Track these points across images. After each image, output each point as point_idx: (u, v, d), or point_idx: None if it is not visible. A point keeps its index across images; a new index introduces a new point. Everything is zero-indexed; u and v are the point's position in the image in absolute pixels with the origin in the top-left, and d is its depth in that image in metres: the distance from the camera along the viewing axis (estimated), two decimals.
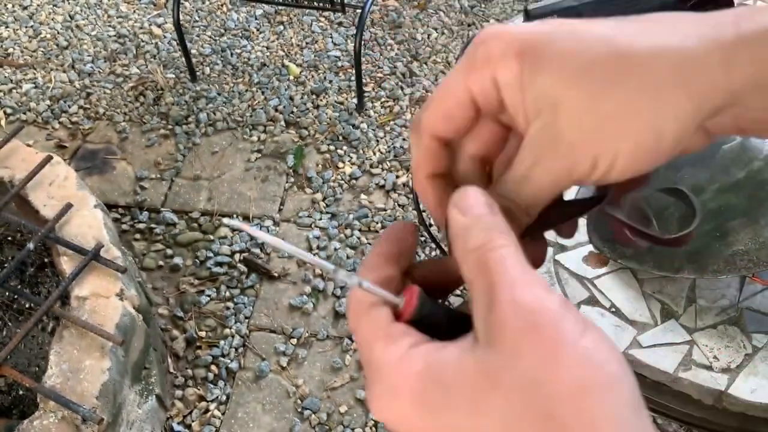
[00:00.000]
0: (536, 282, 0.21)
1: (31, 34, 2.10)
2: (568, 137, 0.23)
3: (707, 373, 0.63)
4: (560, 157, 0.24)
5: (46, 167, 1.22)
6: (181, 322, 1.45)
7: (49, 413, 0.96)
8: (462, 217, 0.24)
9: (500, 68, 0.24)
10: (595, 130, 0.23)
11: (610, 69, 0.23)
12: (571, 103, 0.23)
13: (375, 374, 0.22)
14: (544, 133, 0.24)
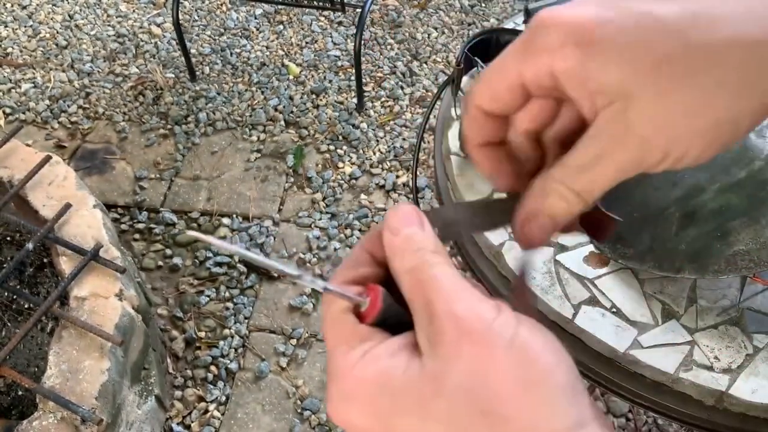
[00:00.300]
0: (468, 293, 0.23)
1: (30, 34, 2.10)
2: (640, 130, 0.23)
3: (708, 374, 0.62)
4: (630, 149, 0.24)
5: (46, 167, 1.22)
6: (180, 323, 1.45)
7: (48, 414, 0.96)
8: (394, 237, 0.25)
9: (559, 59, 0.23)
10: (668, 125, 0.23)
11: (684, 64, 0.22)
12: (644, 97, 0.23)
13: (333, 378, 0.24)
14: (613, 125, 0.23)
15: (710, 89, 0.22)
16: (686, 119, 0.23)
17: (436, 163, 0.83)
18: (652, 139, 0.23)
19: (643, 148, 0.23)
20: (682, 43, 0.22)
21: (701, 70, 0.22)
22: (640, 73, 0.22)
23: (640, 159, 0.24)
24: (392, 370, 0.22)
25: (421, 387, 0.22)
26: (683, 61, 0.22)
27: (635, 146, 0.23)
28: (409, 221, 0.25)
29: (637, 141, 0.23)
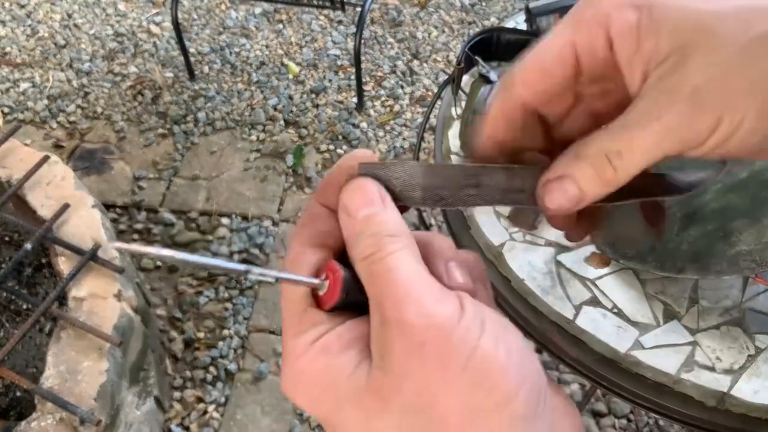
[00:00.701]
0: (426, 293, 0.20)
1: (28, 33, 2.09)
2: (693, 80, 0.21)
3: (710, 375, 0.62)
4: (680, 106, 0.21)
5: (44, 167, 1.22)
6: (179, 323, 1.45)
7: (47, 415, 0.95)
8: (350, 219, 0.22)
9: (615, 19, 0.22)
10: (727, 80, 0.21)
11: (751, 22, 0.21)
12: (701, 49, 0.21)
13: (285, 358, 0.22)
14: (666, 80, 0.22)
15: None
16: (747, 76, 0.21)
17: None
18: (707, 95, 0.21)
19: (695, 104, 0.21)
20: (758, 13, 0.21)
21: (762, 32, 0.21)
22: (700, 26, 0.21)
23: (691, 119, 0.21)
24: (338, 371, 0.21)
25: (366, 399, 0.20)
26: (750, 19, 0.21)
27: (686, 101, 0.21)
28: (369, 200, 0.22)
29: (689, 93, 0.21)
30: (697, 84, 0.21)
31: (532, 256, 0.70)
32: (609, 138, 0.23)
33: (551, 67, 0.23)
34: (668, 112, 0.22)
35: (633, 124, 0.22)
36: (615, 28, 0.22)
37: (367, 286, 0.21)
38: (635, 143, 0.22)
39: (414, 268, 0.21)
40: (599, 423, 1.29)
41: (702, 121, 0.22)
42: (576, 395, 1.32)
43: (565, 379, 1.33)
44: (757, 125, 0.22)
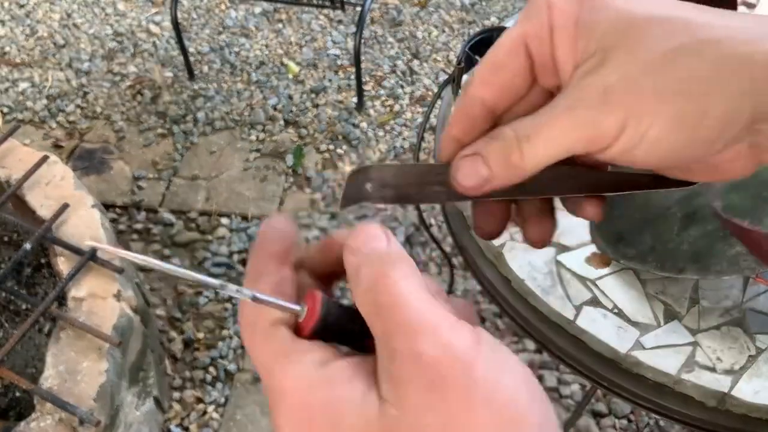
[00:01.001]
0: (441, 321, 0.19)
1: (27, 33, 2.09)
2: (609, 81, 0.21)
3: (710, 375, 0.62)
4: (592, 102, 0.22)
5: (43, 167, 1.22)
6: (179, 324, 1.45)
7: (46, 415, 0.95)
8: (353, 257, 0.21)
9: (558, 11, 0.22)
10: (639, 85, 0.21)
11: (676, 33, 0.21)
12: (625, 52, 0.21)
13: (278, 401, 0.20)
14: (587, 76, 0.22)
15: (694, 63, 0.21)
16: (660, 80, 0.21)
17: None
18: (615, 93, 0.21)
19: (604, 104, 0.21)
20: (682, 17, 0.21)
21: (690, 45, 0.21)
22: (628, 28, 0.21)
23: (596, 120, 0.21)
24: (346, 404, 0.19)
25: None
26: (675, 31, 0.21)
27: (596, 99, 0.22)
28: (370, 236, 0.22)
29: (600, 92, 0.21)
30: (610, 84, 0.21)
31: (532, 256, 0.70)
32: (523, 124, 0.23)
33: (504, 60, 0.24)
34: (577, 108, 0.22)
35: (546, 114, 0.23)
36: (556, 20, 0.22)
37: (371, 318, 0.20)
38: (543, 132, 0.22)
39: (424, 296, 0.20)
40: (599, 423, 1.28)
41: (608, 122, 0.22)
42: (576, 395, 1.32)
43: (565, 380, 1.33)
44: (664, 135, 0.21)
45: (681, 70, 0.21)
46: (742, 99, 0.21)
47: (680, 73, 0.21)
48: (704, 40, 0.21)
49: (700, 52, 0.21)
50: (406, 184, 0.25)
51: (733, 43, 0.21)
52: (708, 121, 0.21)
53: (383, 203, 0.25)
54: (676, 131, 0.21)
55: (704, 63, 0.21)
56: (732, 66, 0.21)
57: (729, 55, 0.21)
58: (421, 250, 1.56)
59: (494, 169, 0.23)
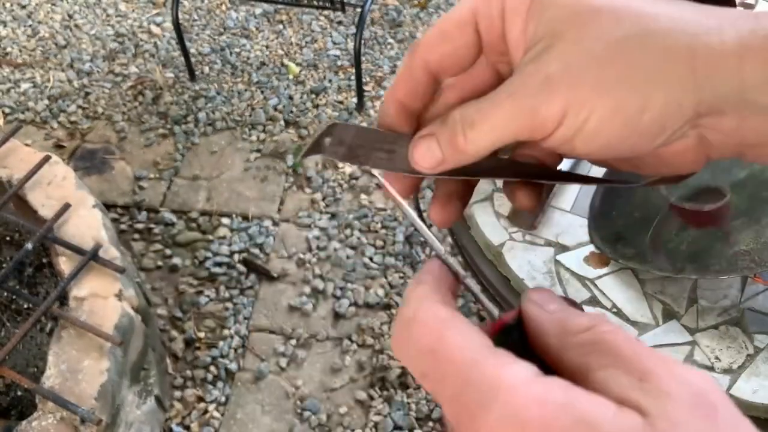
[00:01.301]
0: (672, 359, 0.19)
1: (29, 33, 2.09)
2: (551, 69, 0.21)
3: (709, 374, 0.62)
4: (534, 89, 0.22)
5: (45, 167, 1.22)
6: (180, 323, 1.45)
7: (47, 414, 0.95)
8: (543, 311, 0.21)
9: None
10: (580, 73, 0.21)
11: (622, 23, 0.21)
12: (570, 40, 0.21)
13: (493, 404, 0.18)
14: (531, 63, 0.22)
15: (637, 56, 0.21)
16: (601, 72, 0.21)
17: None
18: (556, 81, 0.21)
19: (544, 91, 0.21)
20: (632, 11, 0.21)
21: (638, 43, 0.21)
22: (577, 19, 0.21)
23: (536, 106, 0.22)
24: (596, 413, 0.17)
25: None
26: (622, 24, 0.21)
27: (538, 86, 0.22)
28: (555, 297, 0.22)
29: (542, 79, 0.22)
30: (552, 72, 0.21)
31: (531, 255, 0.70)
32: (469, 110, 0.23)
33: (451, 31, 0.24)
34: (518, 96, 0.22)
35: (490, 100, 0.23)
36: (509, 3, 0.22)
37: (596, 357, 0.19)
38: (486, 117, 0.23)
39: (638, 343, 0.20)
40: None
41: (547, 109, 0.22)
42: None
43: None
44: (602, 126, 0.21)
45: (623, 60, 0.21)
46: (684, 92, 0.21)
47: (622, 63, 0.21)
48: (650, 31, 0.21)
49: (644, 43, 0.21)
50: (358, 145, 0.27)
51: (678, 35, 0.21)
52: (648, 114, 0.21)
53: (336, 159, 0.27)
54: (614, 122, 0.21)
55: (647, 54, 0.21)
56: (674, 58, 0.21)
57: (672, 47, 0.21)
58: (420, 249, 1.56)
59: (444, 151, 0.24)
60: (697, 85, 0.21)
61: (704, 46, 0.20)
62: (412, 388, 1.36)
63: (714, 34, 0.21)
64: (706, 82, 0.21)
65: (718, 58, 0.20)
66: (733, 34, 0.20)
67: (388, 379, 1.36)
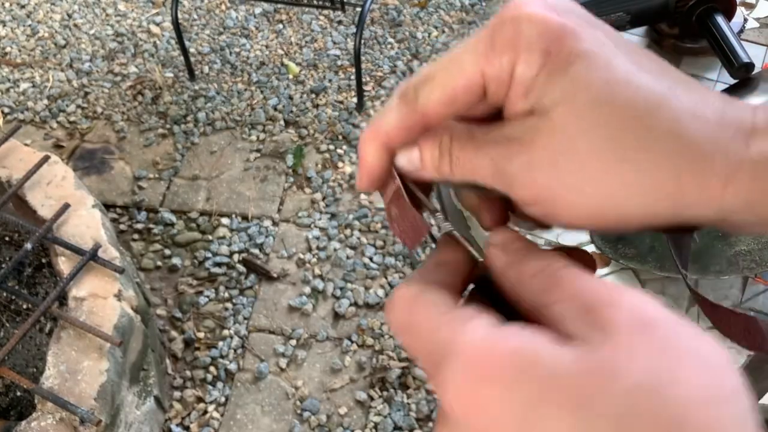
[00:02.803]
0: (624, 288, 0.20)
1: (28, 33, 2.09)
2: (535, 155, 0.22)
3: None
4: (516, 170, 0.22)
5: (44, 167, 1.22)
6: (179, 323, 1.45)
7: (47, 414, 0.95)
8: (504, 252, 0.23)
9: (522, 61, 0.21)
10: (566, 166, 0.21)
11: (622, 124, 0.21)
12: (560, 123, 0.21)
13: (449, 357, 0.19)
14: (517, 139, 0.22)
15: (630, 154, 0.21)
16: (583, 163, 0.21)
17: None
18: (536, 166, 0.22)
19: (524, 172, 0.22)
20: (633, 106, 0.21)
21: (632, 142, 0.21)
22: (577, 106, 0.21)
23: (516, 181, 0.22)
24: (537, 352, 0.18)
25: (581, 379, 0.17)
26: (623, 123, 0.21)
27: (519, 166, 0.22)
28: (516, 238, 0.23)
29: (524, 162, 0.22)
30: (536, 158, 0.22)
31: None
32: (460, 142, 0.24)
33: (459, 97, 0.23)
34: (500, 163, 0.22)
35: (487, 137, 0.23)
36: (519, 69, 0.22)
37: (546, 296, 0.20)
38: (475, 154, 0.23)
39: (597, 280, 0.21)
40: None
41: (524, 193, 0.23)
42: None
43: None
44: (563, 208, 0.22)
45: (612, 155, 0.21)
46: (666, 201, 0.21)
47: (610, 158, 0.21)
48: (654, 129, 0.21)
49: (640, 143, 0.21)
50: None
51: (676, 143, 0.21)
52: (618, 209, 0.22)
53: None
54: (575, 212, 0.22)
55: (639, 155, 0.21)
56: (663, 168, 0.21)
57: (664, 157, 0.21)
58: (420, 249, 1.56)
59: (426, 164, 0.24)
60: (682, 202, 0.21)
61: (692, 164, 0.21)
62: (412, 388, 1.35)
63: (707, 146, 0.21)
64: (690, 199, 0.21)
65: (703, 183, 0.21)
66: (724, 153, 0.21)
67: (388, 379, 1.36)
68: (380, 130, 0.24)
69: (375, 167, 0.25)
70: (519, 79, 0.22)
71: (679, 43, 0.89)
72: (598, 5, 0.82)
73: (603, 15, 0.82)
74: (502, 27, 0.22)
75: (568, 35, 0.21)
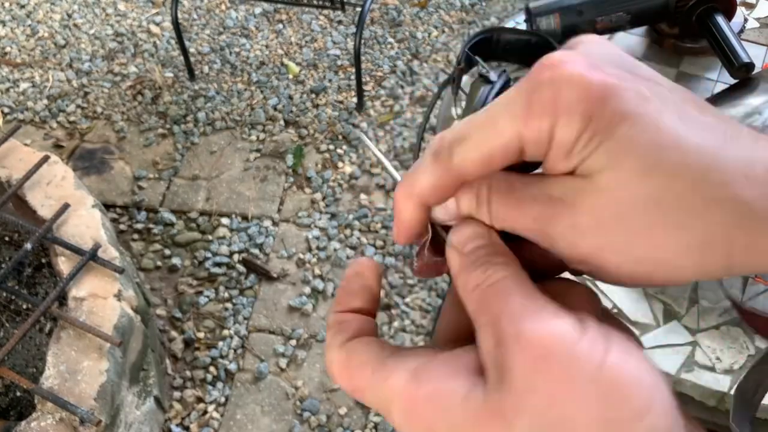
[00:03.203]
0: (542, 308, 0.20)
1: (28, 33, 2.09)
2: (581, 219, 0.21)
3: (710, 375, 0.62)
4: (560, 235, 0.22)
5: (44, 167, 1.22)
6: (179, 323, 1.45)
7: (46, 414, 0.95)
8: (459, 255, 0.23)
9: (562, 124, 0.21)
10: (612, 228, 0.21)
11: (673, 191, 0.20)
12: (606, 188, 0.21)
13: (389, 409, 0.21)
14: (558, 193, 0.22)
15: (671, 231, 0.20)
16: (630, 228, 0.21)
17: None
18: (581, 230, 0.21)
19: (569, 237, 0.21)
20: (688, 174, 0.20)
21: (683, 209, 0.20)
22: (625, 175, 0.20)
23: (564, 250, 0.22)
24: (450, 396, 0.20)
25: (486, 422, 0.19)
26: (679, 193, 0.20)
27: (563, 229, 0.21)
28: (475, 234, 0.23)
29: (568, 225, 0.21)
30: (580, 222, 0.21)
31: None
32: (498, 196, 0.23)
33: (496, 158, 0.22)
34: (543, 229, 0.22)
35: (528, 193, 0.22)
36: (558, 134, 0.21)
37: (476, 313, 0.21)
38: (516, 211, 0.23)
39: (529, 290, 0.21)
40: None
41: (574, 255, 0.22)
42: None
43: None
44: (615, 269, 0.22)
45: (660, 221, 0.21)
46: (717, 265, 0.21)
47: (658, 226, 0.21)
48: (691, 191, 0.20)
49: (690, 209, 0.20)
50: None
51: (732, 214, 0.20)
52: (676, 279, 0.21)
53: None
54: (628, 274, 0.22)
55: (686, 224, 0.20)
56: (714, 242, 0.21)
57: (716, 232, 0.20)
58: None
59: (463, 214, 0.24)
60: (735, 261, 0.21)
61: (745, 227, 0.20)
62: None
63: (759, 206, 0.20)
64: (743, 259, 0.21)
65: (756, 244, 0.20)
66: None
67: None
68: (415, 189, 0.24)
69: (412, 224, 0.25)
70: (559, 142, 0.21)
71: (679, 43, 0.89)
72: (598, 5, 0.81)
73: (603, 15, 0.82)
74: (539, 89, 0.21)
75: (610, 96, 0.20)
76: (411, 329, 1.44)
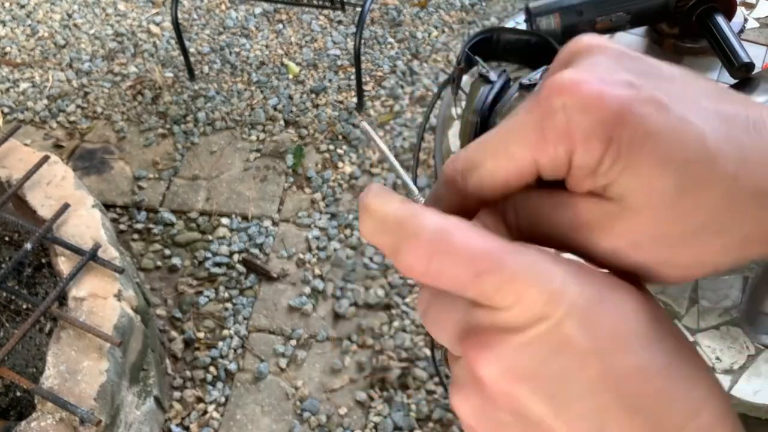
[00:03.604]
0: None
1: (28, 33, 2.09)
2: (619, 243, 0.21)
3: None
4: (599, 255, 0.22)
5: (44, 167, 1.22)
6: (179, 323, 1.45)
7: (46, 414, 0.95)
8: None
9: (581, 151, 0.20)
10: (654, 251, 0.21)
11: (708, 203, 0.20)
12: (640, 209, 0.20)
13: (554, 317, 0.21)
14: (590, 218, 0.21)
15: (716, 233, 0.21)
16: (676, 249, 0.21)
17: (437, 162, 0.83)
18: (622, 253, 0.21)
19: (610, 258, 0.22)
20: (721, 183, 0.20)
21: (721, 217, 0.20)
22: (657, 197, 0.20)
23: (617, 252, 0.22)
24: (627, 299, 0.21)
25: None
26: (713, 202, 0.20)
27: (603, 252, 0.22)
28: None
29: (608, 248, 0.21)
30: (620, 246, 0.21)
31: None
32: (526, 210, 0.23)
33: (511, 183, 0.22)
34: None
35: (558, 218, 0.22)
36: (577, 158, 0.20)
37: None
38: (549, 235, 0.23)
39: None
40: None
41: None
42: None
43: None
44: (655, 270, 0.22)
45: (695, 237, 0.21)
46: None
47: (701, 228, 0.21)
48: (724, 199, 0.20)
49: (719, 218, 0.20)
50: None
51: None
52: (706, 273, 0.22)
53: None
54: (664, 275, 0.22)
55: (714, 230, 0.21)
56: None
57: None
58: None
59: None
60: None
61: None
62: (412, 388, 1.35)
63: None
64: None
65: None
66: None
67: (388, 379, 1.36)
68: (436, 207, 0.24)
69: None
70: (580, 165, 0.21)
71: (679, 43, 0.89)
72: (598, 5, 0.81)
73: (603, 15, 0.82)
74: (552, 116, 0.20)
75: (627, 114, 0.19)
76: (411, 329, 1.44)
